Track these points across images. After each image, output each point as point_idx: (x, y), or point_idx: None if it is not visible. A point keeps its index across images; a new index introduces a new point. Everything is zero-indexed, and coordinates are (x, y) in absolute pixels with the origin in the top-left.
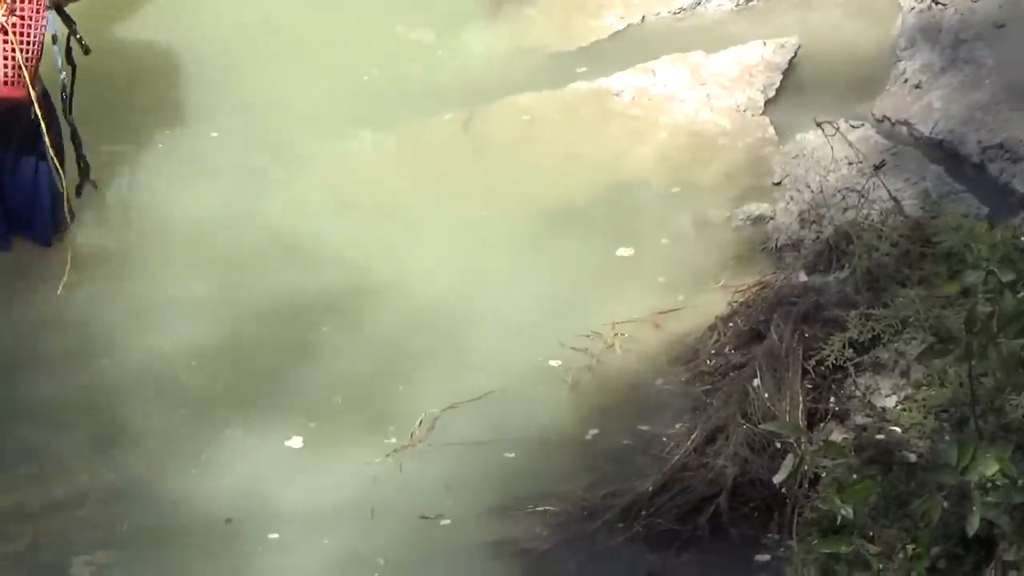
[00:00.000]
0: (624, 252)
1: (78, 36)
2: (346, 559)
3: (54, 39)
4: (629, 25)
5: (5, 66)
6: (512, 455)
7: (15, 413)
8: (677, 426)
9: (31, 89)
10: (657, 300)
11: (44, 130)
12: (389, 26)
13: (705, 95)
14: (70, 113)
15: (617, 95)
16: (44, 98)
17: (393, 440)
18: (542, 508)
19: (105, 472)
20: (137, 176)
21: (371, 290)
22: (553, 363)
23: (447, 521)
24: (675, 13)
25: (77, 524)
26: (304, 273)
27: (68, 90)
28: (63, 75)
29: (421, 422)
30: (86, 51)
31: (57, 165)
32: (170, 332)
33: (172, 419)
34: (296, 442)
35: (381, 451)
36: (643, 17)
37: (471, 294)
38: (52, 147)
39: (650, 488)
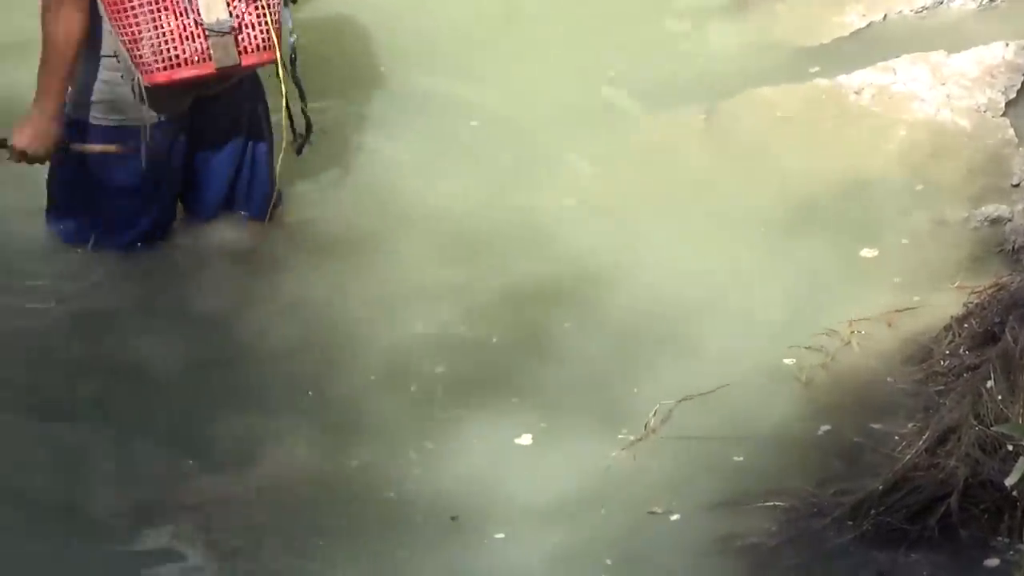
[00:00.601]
0: (868, 253)
1: None
2: (573, 557)
3: (286, 1)
4: (871, 23)
5: (262, 32)
6: (742, 449)
7: (245, 403)
8: (909, 425)
9: (279, 52)
10: (892, 299)
11: (281, 94)
12: (634, 20)
13: (945, 95)
14: (296, 73)
15: (857, 93)
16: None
17: (624, 437)
18: (771, 504)
19: (332, 465)
20: (387, 160)
21: (612, 285)
22: (788, 360)
23: (676, 516)
24: (917, 12)
25: (302, 516)
26: (547, 267)
27: (295, 52)
28: (293, 37)
29: (655, 413)
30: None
31: (271, 135)
32: (407, 322)
33: (403, 412)
34: (526, 439)
35: (611, 447)
36: (885, 15)
37: (709, 290)
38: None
39: (880, 487)
